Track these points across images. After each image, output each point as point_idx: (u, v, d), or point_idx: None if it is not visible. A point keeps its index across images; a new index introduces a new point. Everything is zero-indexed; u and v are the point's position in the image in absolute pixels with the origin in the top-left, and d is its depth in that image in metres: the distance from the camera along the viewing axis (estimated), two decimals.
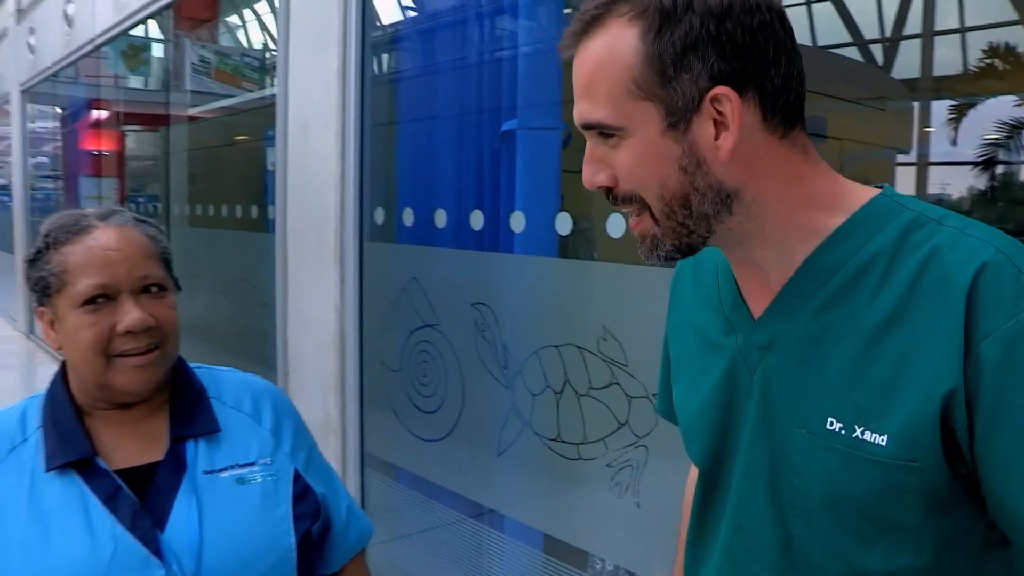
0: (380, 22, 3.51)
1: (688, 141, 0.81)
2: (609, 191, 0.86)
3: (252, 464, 1.15)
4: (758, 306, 0.90)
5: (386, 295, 3.25)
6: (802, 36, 2.08)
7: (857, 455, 0.80)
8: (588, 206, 2.42)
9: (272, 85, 3.99)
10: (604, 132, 0.84)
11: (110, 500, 1.06)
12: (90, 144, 8.72)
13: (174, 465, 1.11)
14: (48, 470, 1.07)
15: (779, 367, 0.87)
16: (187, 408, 1.16)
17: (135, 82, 7.16)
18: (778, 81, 0.81)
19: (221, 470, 1.13)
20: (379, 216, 3.31)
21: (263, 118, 3.89)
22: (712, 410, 0.95)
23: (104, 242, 1.10)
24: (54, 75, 8.52)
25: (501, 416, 2.70)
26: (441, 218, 3.00)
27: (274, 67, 3.87)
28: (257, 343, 4.46)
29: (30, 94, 9.81)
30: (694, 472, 1.10)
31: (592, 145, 0.86)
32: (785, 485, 0.87)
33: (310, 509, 1.18)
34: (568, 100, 0.93)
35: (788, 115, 0.83)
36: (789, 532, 0.88)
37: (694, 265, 1.04)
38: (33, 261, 1.14)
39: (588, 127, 0.85)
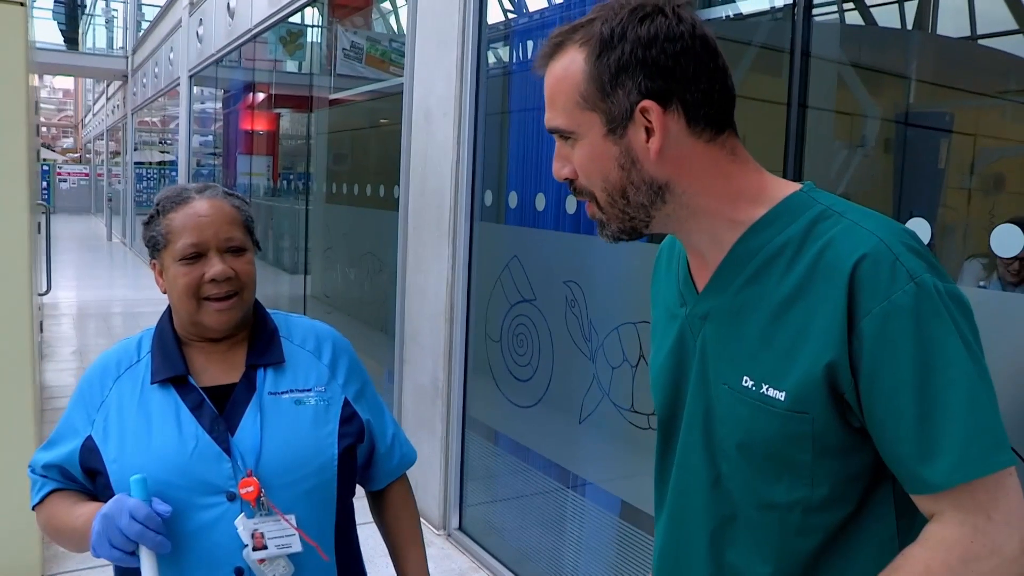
0: (502, 19, 3.75)
1: (625, 144, 0.99)
2: (572, 183, 1.07)
3: (309, 390, 1.42)
4: (702, 283, 1.09)
5: (492, 271, 3.51)
6: (960, 26, 1.98)
7: (763, 407, 0.97)
8: None
9: None
10: (564, 135, 1.04)
11: (196, 409, 1.35)
12: (246, 124, 9.34)
13: (247, 386, 1.39)
14: (153, 383, 1.37)
15: (712, 334, 1.05)
16: (262, 343, 1.44)
17: (291, 66, 7.55)
18: (698, 96, 0.97)
19: (283, 393, 1.40)
20: (488, 198, 3.57)
21: (401, 103, 4.17)
22: (669, 368, 1.14)
23: (198, 210, 1.38)
24: (217, 61, 9.28)
25: (584, 386, 2.92)
26: (541, 201, 3.23)
27: None
28: (380, 312, 4.84)
29: (197, 78, 10.71)
30: None
31: (559, 145, 1.06)
32: (714, 432, 1.06)
33: (354, 430, 1.44)
34: None
35: (713, 122, 1.00)
36: (718, 471, 1.06)
37: (669, 250, 1.23)
38: (147, 224, 1.42)
39: (552, 131, 1.05)
